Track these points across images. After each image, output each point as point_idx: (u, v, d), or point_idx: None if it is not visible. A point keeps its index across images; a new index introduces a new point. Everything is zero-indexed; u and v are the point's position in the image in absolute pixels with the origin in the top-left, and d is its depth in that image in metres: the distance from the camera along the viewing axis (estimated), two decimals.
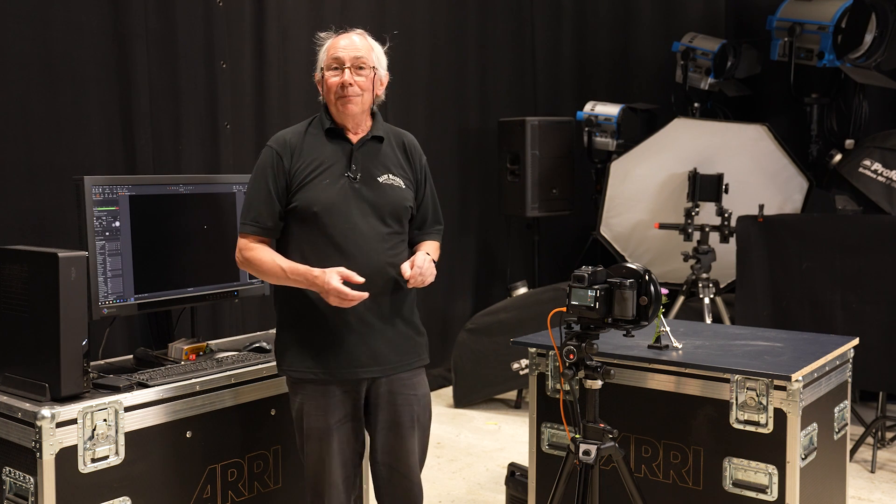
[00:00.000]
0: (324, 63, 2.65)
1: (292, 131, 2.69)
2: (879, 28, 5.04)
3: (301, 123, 2.72)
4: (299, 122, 2.73)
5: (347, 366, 2.56)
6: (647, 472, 2.86)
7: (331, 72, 2.62)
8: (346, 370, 2.57)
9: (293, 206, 2.59)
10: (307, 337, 2.59)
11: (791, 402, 2.61)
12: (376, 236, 2.59)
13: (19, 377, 2.59)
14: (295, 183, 2.59)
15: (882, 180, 4.76)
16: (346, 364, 2.56)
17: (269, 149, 2.65)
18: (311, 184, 2.58)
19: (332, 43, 2.65)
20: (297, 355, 2.60)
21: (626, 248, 5.62)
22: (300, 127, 2.70)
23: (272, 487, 3.01)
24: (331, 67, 2.62)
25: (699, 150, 5.30)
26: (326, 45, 2.67)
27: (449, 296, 6.00)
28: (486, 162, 6.20)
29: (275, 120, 4.64)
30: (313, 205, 2.56)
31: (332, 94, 2.61)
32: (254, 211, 2.61)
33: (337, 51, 2.61)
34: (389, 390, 2.63)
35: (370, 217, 2.59)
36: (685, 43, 5.77)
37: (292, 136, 2.66)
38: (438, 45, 5.90)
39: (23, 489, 2.47)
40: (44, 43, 3.64)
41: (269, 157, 2.63)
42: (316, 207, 2.55)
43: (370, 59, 2.64)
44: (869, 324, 4.36)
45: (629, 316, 2.41)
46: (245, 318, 4.43)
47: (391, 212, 2.63)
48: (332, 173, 2.59)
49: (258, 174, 2.64)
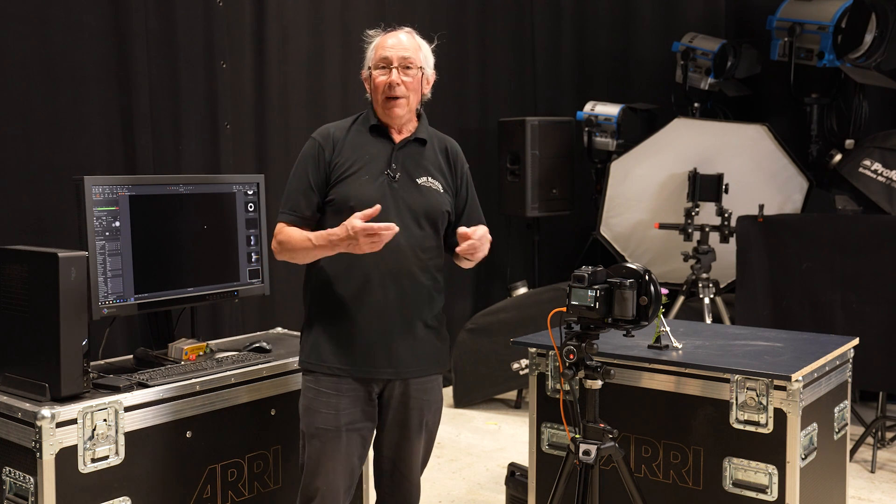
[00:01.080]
0: (371, 62, 2.65)
1: (337, 125, 2.69)
2: (879, 28, 5.04)
3: (347, 119, 2.72)
4: (344, 118, 2.73)
5: (364, 364, 2.56)
6: (647, 472, 2.86)
7: (378, 71, 2.62)
8: (363, 368, 2.56)
9: (330, 199, 2.59)
10: (329, 332, 2.58)
11: (791, 402, 2.61)
12: (409, 238, 2.57)
13: (19, 377, 2.59)
14: (335, 176, 2.60)
15: (882, 180, 4.76)
16: (363, 362, 2.56)
17: (313, 140, 2.65)
18: (350, 179, 2.58)
19: (381, 42, 2.65)
20: (315, 348, 2.59)
21: (626, 248, 5.62)
22: (346, 122, 2.70)
23: (272, 487, 3.01)
24: (378, 66, 2.62)
25: (699, 150, 5.30)
26: (374, 44, 2.67)
27: (449, 296, 5.94)
28: (486, 162, 6.19)
29: (275, 120, 4.64)
30: (350, 199, 2.55)
31: (380, 93, 2.61)
32: (292, 200, 2.61)
33: (385, 50, 2.61)
34: (403, 392, 2.62)
35: (405, 217, 2.57)
36: (685, 43, 5.77)
37: (336, 130, 2.66)
38: (438, 45, 5.89)
39: (23, 489, 2.47)
40: (44, 43, 3.64)
41: (312, 149, 2.64)
42: (352, 202, 2.54)
43: (418, 59, 2.64)
44: (869, 324, 4.36)
45: (629, 316, 2.41)
46: (245, 318, 4.43)
47: (427, 214, 2.61)
48: (372, 170, 2.59)
49: (300, 164, 2.64)
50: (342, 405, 2.55)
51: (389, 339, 2.56)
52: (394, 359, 2.57)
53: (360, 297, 2.53)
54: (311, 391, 2.60)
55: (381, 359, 2.56)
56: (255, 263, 3.33)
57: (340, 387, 2.56)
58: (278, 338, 3.45)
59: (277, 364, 3.01)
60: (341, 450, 2.56)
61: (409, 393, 2.62)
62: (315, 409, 2.57)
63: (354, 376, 2.56)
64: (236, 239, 3.26)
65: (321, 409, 2.56)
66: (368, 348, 2.55)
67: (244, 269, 3.28)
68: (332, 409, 2.55)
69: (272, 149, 4.60)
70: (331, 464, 2.56)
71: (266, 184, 3.38)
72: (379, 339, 2.56)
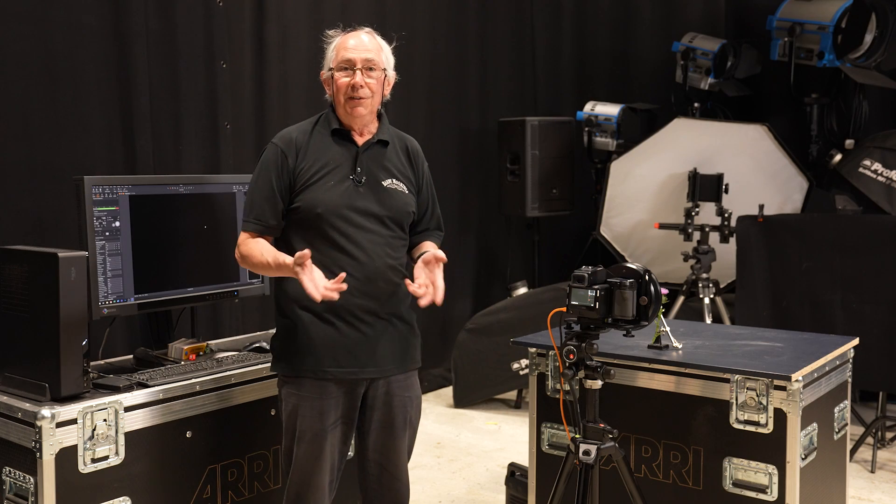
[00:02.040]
0: (333, 63, 2.62)
1: (298, 129, 2.65)
2: (879, 28, 5.04)
3: (307, 121, 2.68)
4: (304, 120, 2.70)
5: (347, 365, 2.55)
6: (647, 472, 2.86)
7: (341, 72, 2.58)
8: (347, 370, 2.56)
9: (296, 206, 2.57)
10: (310, 337, 2.56)
11: (791, 402, 2.61)
12: (379, 240, 2.58)
13: (19, 377, 2.59)
14: (299, 183, 2.57)
15: (882, 180, 4.76)
16: (346, 364, 2.55)
17: (274, 146, 2.62)
18: (315, 185, 2.56)
19: (342, 42, 2.61)
20: (296, 353, 2.58)
21: (626, 248, 5.62)
22: (306, 125, 2.67)
23: (272, 487, 3.01)
24: (341, 68, 2.59)
25: (699, 150, 5.30)
26: (335, 44, 2.63)
27: (449, 296, 5.92)
28: (486, 162, 6.20)
29: (275, 120, 4.64)
30: (317, 206, 2.54)
31: (342, 94, 2.58)
32: (256, 208, 2.59)
33: (347, 51, 2.58)
34: (387, 391, 2.63)
35: (373, 221, 2.58)
36: (685, 43, 5.77)
37: (298, 135, 2.63)
38: (438, 45, 5.90)
39: (23, 489, 2.47)
40: (44, 43, 3.64)
41: (273, 155, 2.60)
42: (320, 209, 2.54)
43: (380, 61, 2.62)
44: (869, 324, 4.36)
45: (629, 316, 2.41)
46: (245, 318, 4.42)
47: (394, 217, 2.62)
48: (337, 175, 2.58)
49: (262, 171, 2.60)
50: (326, 407, 2.55)
51: (371, 339, 2.57)
52: (378, 357, 2.58)
53: (339, 302, 2.48)
54: (293, 397, 2.58)
55: (365, 359, 2.57)
56: None
57: (325, 390, 2.55)
58: None
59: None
60: (326, 450, 2.56)
61: (392, 391, 2.63)
62: (300, 415, 2.56)
63: (339, 379, 2.56)
64: (236, 239, 3.25)
65: (306, 413, 2.55)
66: (352, 350, 2.55)
67: (244, 269, 3.28)
68: (316, 411, 2.55)
69: None
70: (317, 464, 2.56)
71: None
72: (361, 339, 2.56)
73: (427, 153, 2.85)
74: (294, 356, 2.59)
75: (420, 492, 4.00)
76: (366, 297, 2.55)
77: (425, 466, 4.35)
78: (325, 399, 2.55)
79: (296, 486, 2.59)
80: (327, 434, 2.56)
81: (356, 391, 2.60)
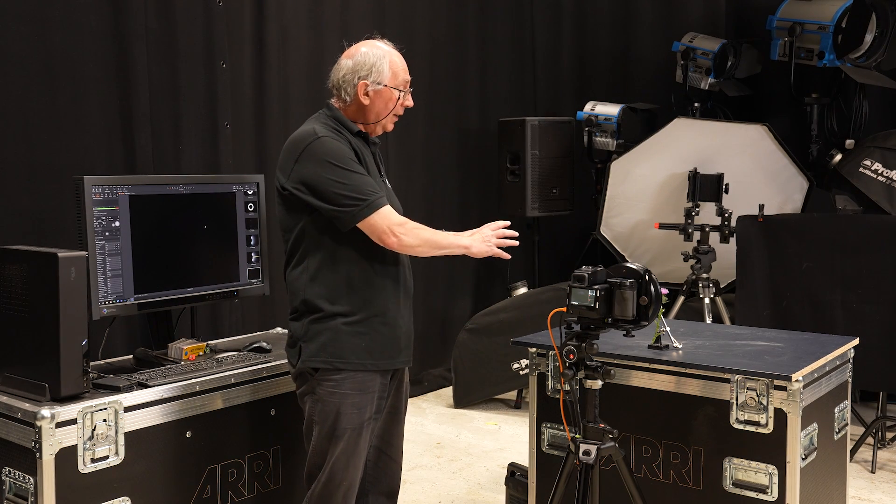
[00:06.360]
0: (397, 83, 2.63)
1: (329, 133, 2.55)
2: (879, 28, 5.04)
3: (321, 125, 2.58)
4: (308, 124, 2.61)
5: (390, 357, 2.61)
6: (647, 472, 2.86)
7: (406, 93, 2.68)
8: (389, 361, 2.61)
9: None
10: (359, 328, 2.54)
11: (791, 402, 2.61)
12: None
13: (19, 377, 2.59)
14: None
15: (882, 180, 4.75)
16: (389, 355, 2.61)
17: (337, 141, 2.53)
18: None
19: (399, 62, 2.66)
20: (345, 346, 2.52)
21: (626, 248, 5.62)
22: (326, 128, 2.56)
23: (272, 487, 3.01)
24: (407, 90, 2.68)
25: (699, 150, 5.30)
26: (391, 60, 2.62)
27: (449, 296, 6.00)
28: (486, 162, 6.19)
29: (275, 120, 4.64)
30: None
31: (394, 112, 2.67)
32: (370, 185, 2.52)
33: (406, 73, 2.68)
34: (400, 379, 2.73)
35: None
36: (685, 43, 5.77)
37: (336, 135, 2.56)
38: (438, 45, 5.90)
39: (23, 489, 2.47)
40: (44, 43, 3.64)
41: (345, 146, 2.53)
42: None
43: None
44: (869, 324, 4.36)
45: (629, 316, 2.41)
46: (245, 318, 4.42)
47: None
48: (373, 173, 2.65)
49: (345, 162, 2.50)
50: (365, 402, 2.57)
51: (409, 329, 2.68)
52: (406, 346, 2.68)
53: (395, 291, 2.60)
54: (335, 395, 2.53)
55: (400, 348, 2.64)
56: (255, 263, 3.33)
57: (365, 384, 2.56)
58: (278, 338, 3.45)
59: (277, 364, 3.01)
60: (362, 445, 2.60)
61: (403, 378, 2.74)
62: (341, 413, 2.54)
63: (381, 370, 2.60)
64: (236, 239, 3.26)
65: (346, 410, 2.55)
66: (396, 340, 2.62)
67: (244, 269, 3.29)
68: (356, 408, 2.56)
69: (272, 149, 4.59)
70: (355, 460, 2.59)
71: (266, 184, 3.38)
72: (404, 328, 2.65)
73: (427, 153, 2.88)
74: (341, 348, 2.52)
75: (420, 492, 4.01)
76: (408, 286, 2.69)
77: (425, 466, 4.35)
78: (365, 394, 2.57)
79: (335, 483, 2.55)
80: (364, 429, 2.59)
81: (388, 382, 2.66)
